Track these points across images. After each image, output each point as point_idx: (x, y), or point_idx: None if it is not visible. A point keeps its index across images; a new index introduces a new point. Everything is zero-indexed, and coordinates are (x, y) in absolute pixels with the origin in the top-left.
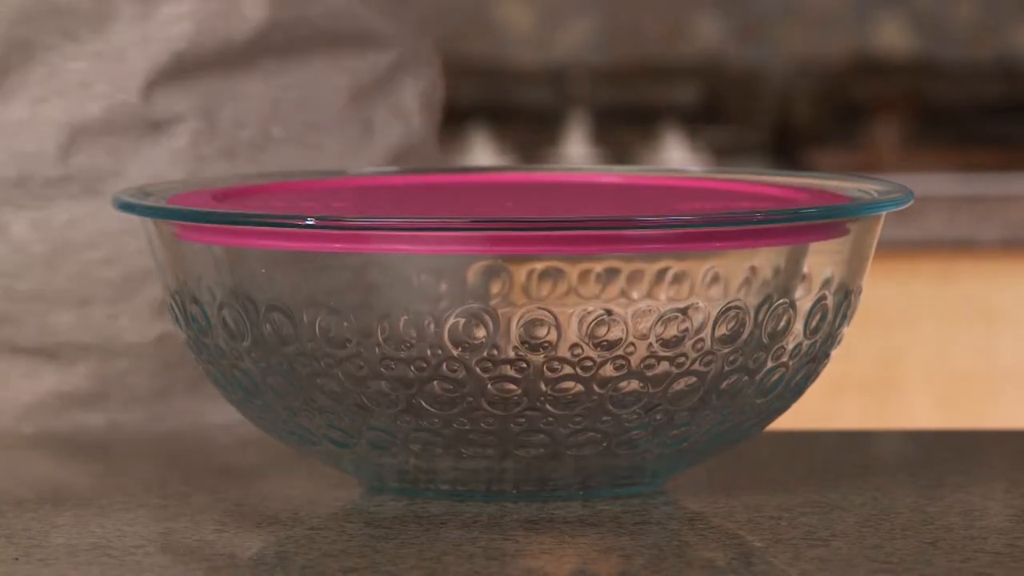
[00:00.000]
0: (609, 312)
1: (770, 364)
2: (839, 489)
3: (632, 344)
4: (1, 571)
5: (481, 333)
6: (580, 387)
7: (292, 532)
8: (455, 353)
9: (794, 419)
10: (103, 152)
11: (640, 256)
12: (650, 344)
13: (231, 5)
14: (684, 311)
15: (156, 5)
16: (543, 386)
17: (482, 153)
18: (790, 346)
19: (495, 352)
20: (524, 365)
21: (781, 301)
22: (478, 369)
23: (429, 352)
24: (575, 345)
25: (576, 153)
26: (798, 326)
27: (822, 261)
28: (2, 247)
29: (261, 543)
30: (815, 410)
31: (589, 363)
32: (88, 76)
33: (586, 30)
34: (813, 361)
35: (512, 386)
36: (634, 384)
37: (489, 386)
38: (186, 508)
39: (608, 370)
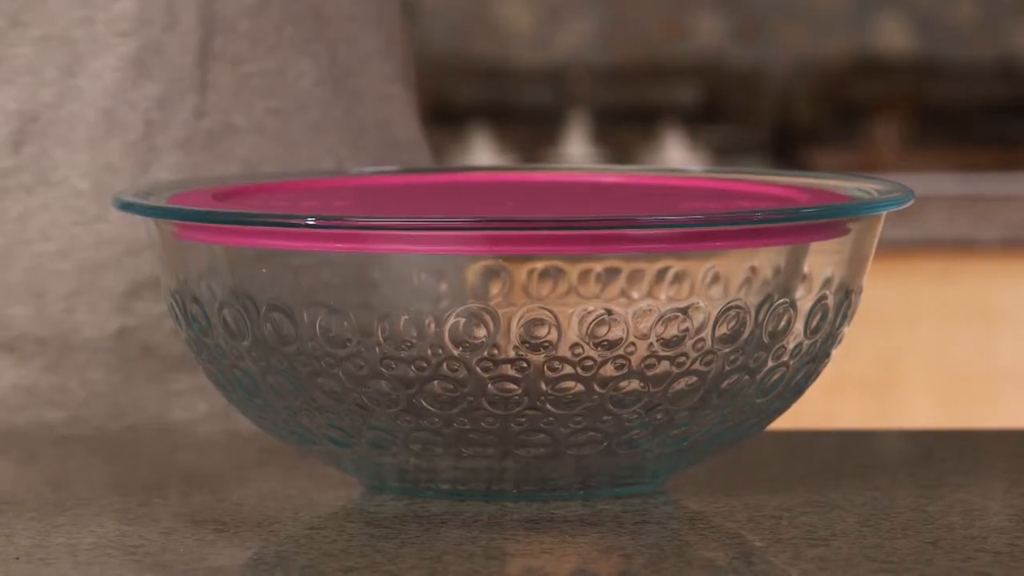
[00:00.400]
0: (609, 312)
1: (771, 364)
2: (839, 489)
3: (632, 344)
4: (1, 571)
5: (481, 333)
6: (580, 387)
7: (292, 532)
8: (455, 353)
9: (794, 419)
10: (55, 142)
11: (640, 256)
12: (650, 344)
13: None
14: (684, 311)
15: None
16: (543, 386)
17: (482, 153)
18: (791, 346)
19: (495, 352)
20: (524, 365)
21: (781, 301)
22: (478, 369)
23: (429, 352)
24: (575, 345)
25: (576, 153)
26: (799, 326)
27: (822, 261)
28: None
29: (261, 543)
30: (815, 410)
31: (590, 363)
32: (35, 62)
33: (586, 30)
34: (814, 361)
35: (512, 386)
36: (634, 384)
37: (489, 386)
38: (186, 508)
39: (608, 370)
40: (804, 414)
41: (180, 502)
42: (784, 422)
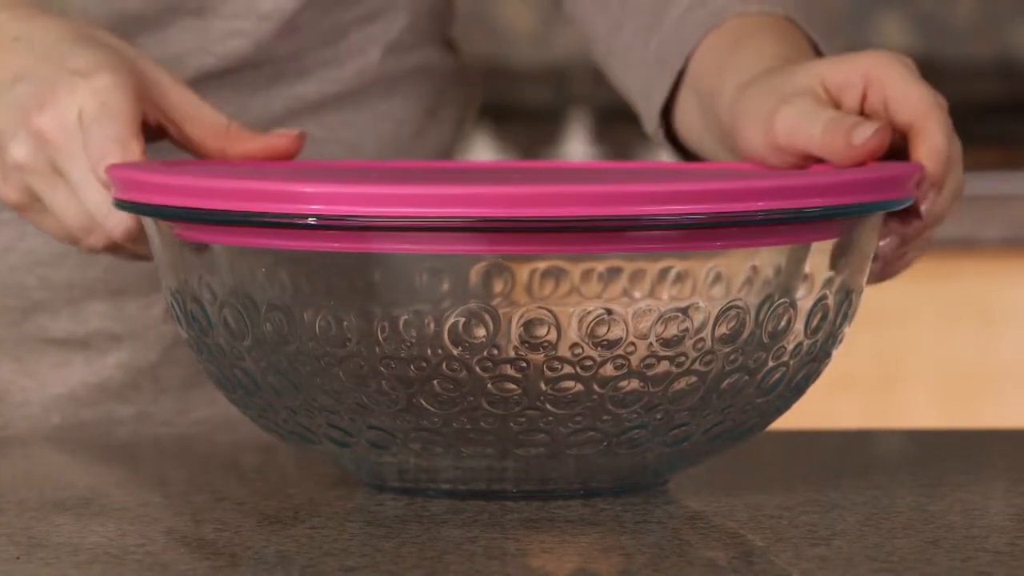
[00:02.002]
0: (609, 311)
1: (771, 364)
2: (840, 488)
3: (632, 343)
4: (3, 570)
5: (481, 332)
6: (580, 386)
7: (293, 531)
8: (455, 352)
9: (794, 418)
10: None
11: (642, 255)
12: (650, 344)
13: (286, 26)
14: (684, 311)
15: (211, 21)
16: (543, 385)
17: (483, 153)
18: (791, 346)
19: (495, 351)
20: (524, 364)
21: (782, 300)
22: (478, 368)
23: (429, 351)
24: (575, 344)
25: (576, 153)
26: (798, 326)
27: (824, 260)
28: (39, 237)
29: (262, 542)
30: (815, 409)
31: (589, 362)
32: None
33: None
34: (814, 360)
35: (512, 385)
36: (634, 383)
37: (489, 385)
38: (187, 507)
39: (608, 369)
40: (804, 414)
41: (180, 502)
42: (784, 422)
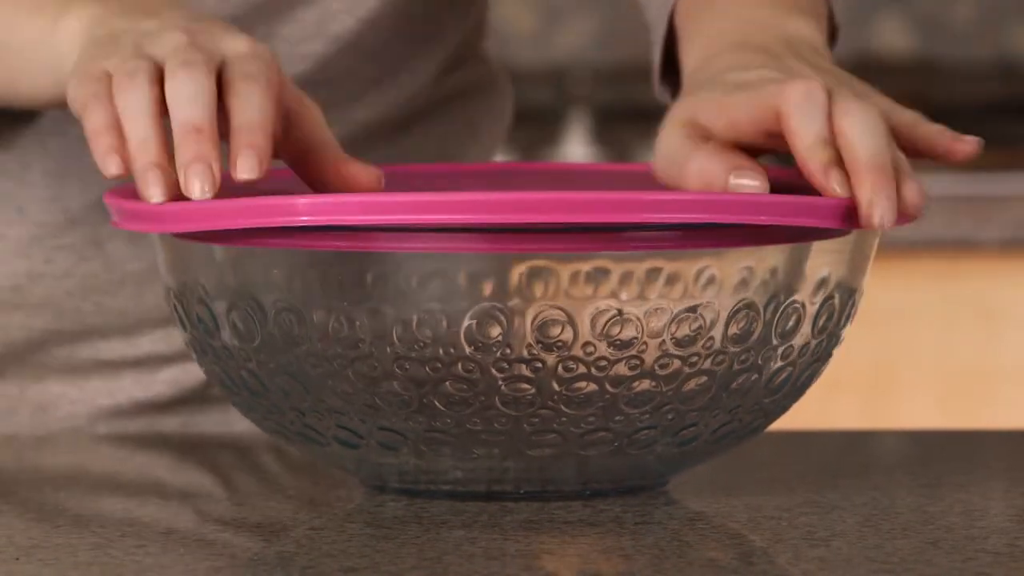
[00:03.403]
0: (622, 312)
1: (779, 363)
2: (839, 489)
3: (646, 343)
4: (2, 571)
5: (495, 332)
6: (594, 386)
7: (293, 532)
8: (469, 352)
9: (793, 419)
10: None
11: (634, 255)
12: (663, 343)
13: (351, 48)
14: (695, 309)
15: (278, 46)
16: (556, 385)
17: None
18: (799, 345)
19: (509, 351)
20: (538, 365)
21: (791, 301)
22: (492, 369)
23: (442, 352)
24: (589, 344)
25: (576, 153)
26: (806, 326)
27: (825, 261)
28: (97, 264)
29: (262, 543)
30: (815, 410)
31: (603, 362)
32: None
33: (586, 30)
34: (818, 361)
35: (526, 386)
36: (646, 383)
37: (502, 386)
38: (187, 508)
39: (622, 369)
40: (804, 414)
41: (179, 503)
42: (784, 422)
